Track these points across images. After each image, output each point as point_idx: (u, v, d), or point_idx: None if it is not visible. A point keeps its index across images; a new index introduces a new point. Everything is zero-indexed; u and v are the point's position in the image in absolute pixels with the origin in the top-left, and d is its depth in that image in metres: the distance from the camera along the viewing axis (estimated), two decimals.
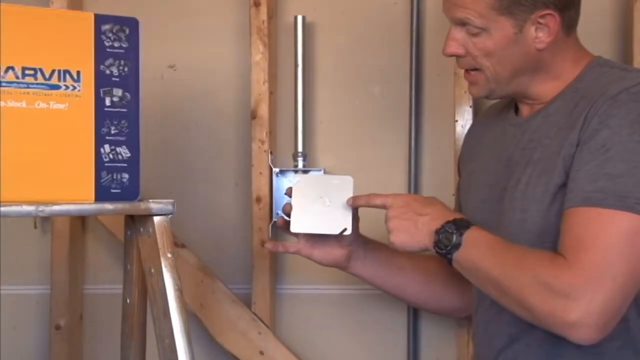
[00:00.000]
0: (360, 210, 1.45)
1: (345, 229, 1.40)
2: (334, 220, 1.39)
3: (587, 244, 1.15)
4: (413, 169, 1.86)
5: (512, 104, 1.41)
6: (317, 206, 1.39)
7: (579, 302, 1.14)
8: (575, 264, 1.16)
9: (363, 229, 1.52)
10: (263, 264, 1.84)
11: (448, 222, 1.27)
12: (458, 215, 1.30)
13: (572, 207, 1.19)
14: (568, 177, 1.22)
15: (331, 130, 1.91)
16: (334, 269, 1.54)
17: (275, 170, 1.84)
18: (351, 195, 1.40)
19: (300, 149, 1.87)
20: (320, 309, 1.91)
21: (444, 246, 1.26)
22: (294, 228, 1.40)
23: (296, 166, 1.87)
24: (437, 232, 1.27)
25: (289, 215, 1.41)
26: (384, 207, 1.35)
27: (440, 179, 1.84)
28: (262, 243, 1.82)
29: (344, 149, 1.90)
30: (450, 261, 1.27)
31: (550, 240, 1.23)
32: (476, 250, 1.24)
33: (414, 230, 1.29)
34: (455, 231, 1.25)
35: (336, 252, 1.48)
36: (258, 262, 1.84)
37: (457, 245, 1.25)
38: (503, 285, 1.20)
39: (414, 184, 1.86)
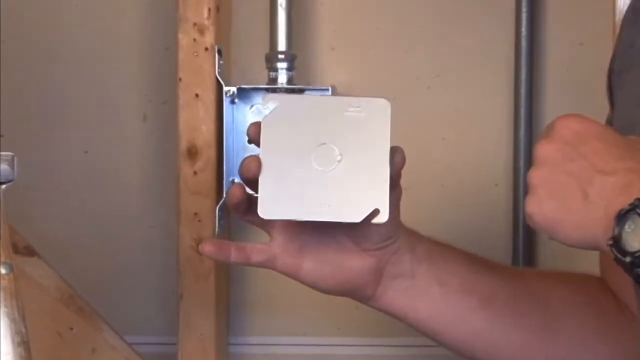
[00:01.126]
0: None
1: (375, 211, 1.37)
2: (350, 194, 1.39)
3: None
4: (524, 92, 1.98)
5: None
6: (315, 164, 1.40)
7: None
8: None
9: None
10: (201, 292, 1.93)
11: None
12: None
13: None
14: None
15: (345, 11, 2.04)
16: (346, 301, 1.50)
17: (229, 89, 1.93)
18: (388, 135, 1.37)
19: (281, 45, 1.96)
20: None
21: (631, 249, 1.23)
22: (263, 210, 1.38)
23: (274, 82, 1.94)
24: (620, 217, 1.24)
25: (253, 184, 1.39)
26: None
27: (580, 110, 1.96)
28: (198, 245, 1.77)
29: (374, 48, 2.02)
30: (636, 278, 1.24)
31: None
32: None
33: (579, 204, 1.25)
34: None
35: (351, 264, 1.47)
36: (190, 288, 1.92)
37: None
38: None
39: (525, 125, 1.99)
